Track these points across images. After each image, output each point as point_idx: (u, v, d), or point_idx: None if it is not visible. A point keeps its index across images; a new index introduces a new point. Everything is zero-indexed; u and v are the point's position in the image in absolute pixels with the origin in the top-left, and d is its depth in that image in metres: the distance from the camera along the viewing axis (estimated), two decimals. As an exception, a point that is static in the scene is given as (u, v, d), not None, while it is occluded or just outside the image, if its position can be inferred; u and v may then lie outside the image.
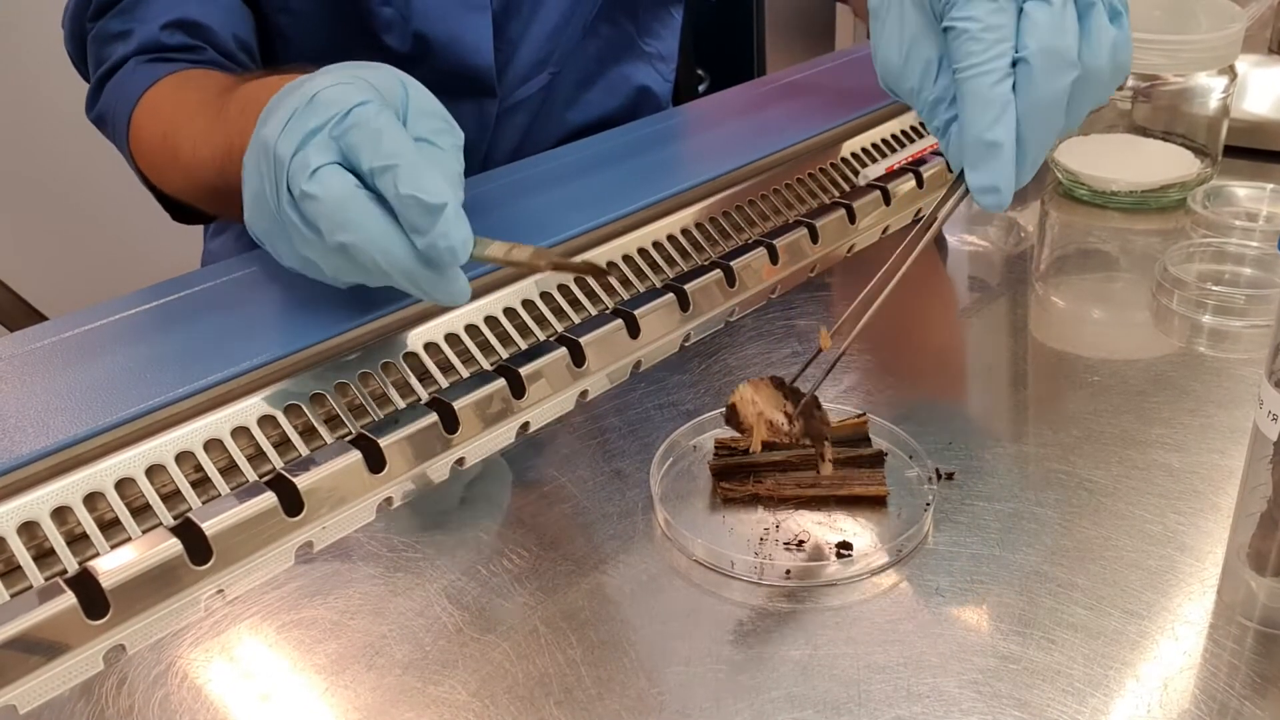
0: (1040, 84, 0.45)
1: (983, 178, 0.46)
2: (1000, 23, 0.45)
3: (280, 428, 0.51)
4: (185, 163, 0.66)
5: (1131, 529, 0.46)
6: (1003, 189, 0.46)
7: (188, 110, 0.67)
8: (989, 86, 0.45)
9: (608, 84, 0.95)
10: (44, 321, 0.58)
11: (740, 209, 0.71)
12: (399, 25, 0.81)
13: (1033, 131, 0.46)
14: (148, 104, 0.71)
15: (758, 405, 0.48)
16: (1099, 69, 0.47)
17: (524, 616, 0.43)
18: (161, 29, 0.72)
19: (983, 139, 0.46)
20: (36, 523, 0.45)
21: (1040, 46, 0.45)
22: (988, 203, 0.47)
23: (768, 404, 0.48)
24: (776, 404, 0.49)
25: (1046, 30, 0.45)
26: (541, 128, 0.92)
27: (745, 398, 0.48)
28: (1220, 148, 0.79)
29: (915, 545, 0.46)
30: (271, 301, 0.57)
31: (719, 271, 0.65)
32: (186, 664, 0.42)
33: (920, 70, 0.49)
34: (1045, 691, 0.39)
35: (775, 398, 0.49)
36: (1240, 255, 0.68)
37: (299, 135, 0.48)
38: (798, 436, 0.48)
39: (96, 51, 0.75)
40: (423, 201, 0.45)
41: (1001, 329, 0.66)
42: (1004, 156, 0.46)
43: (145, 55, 0.73)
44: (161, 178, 0.73)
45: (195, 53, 0.73)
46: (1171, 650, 0.40)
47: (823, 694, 0.39)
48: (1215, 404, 0.55)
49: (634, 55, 0.96)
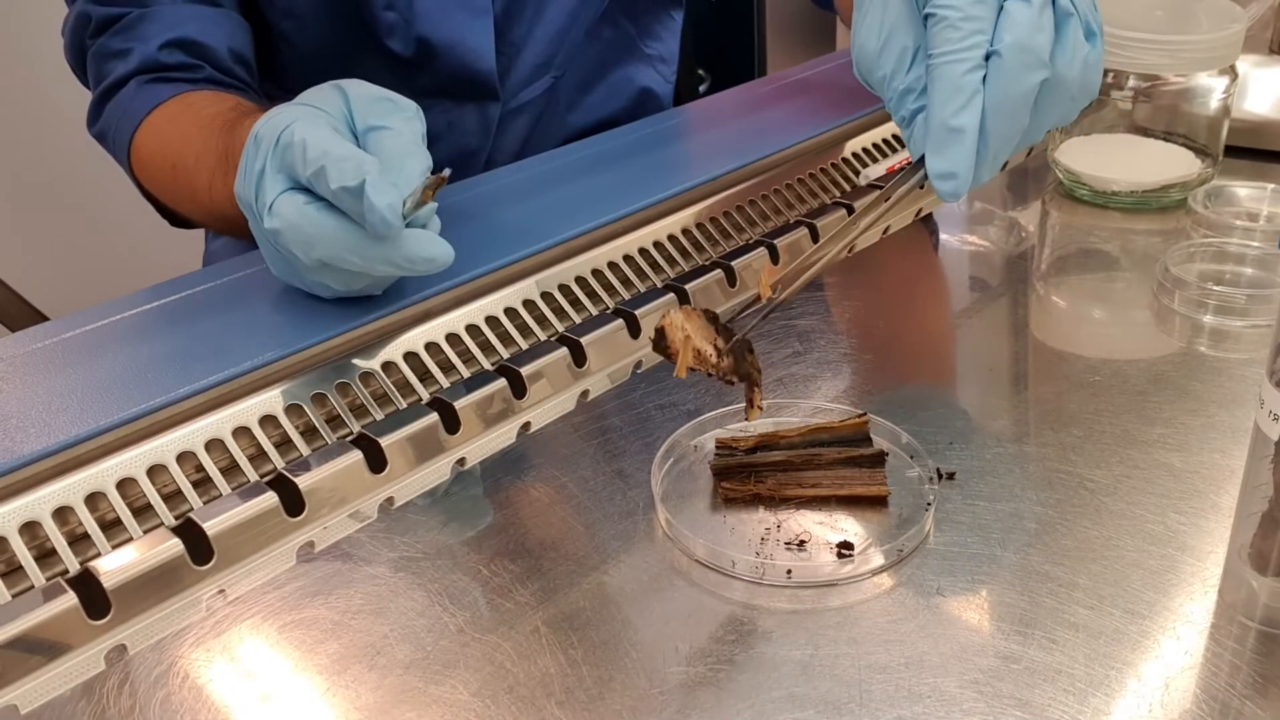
0: (1010, 78, 0.46)
1: (943, 163, 0.47)
2: (979, 14, 0.46)
3: (281, 428, 0.51)
4: (203, 201, 0.69)
5: (1133, 529, 0.46)
6: (960, 175, 0.47)
7: (193, 147, 0.69)
8: (960, 74, 0.46)
9: (609, 86, 0.95)
10: (45, 322, 0.58)
11: (741, 209, 0.71)
12: (401, 29, 0.81)
13: (997, 125, 0.47)
14: (150, 129, 0.72)
15: (686, 332, 0.48)
16: (1069, 79, 0.48)
17: (525, 616, 0.43)
18: (160, 49, 0.73)
19: (948, 124, 0.46)
20: (38, 523, 0.44)
21: (1014, 41, 0.46)
22: (945, 189, 0.47)
23: (698, 334, 0.48)
24: (707, 336, 0.49)
25: (1023, 27, 0.46)
26: (544, 130, 0.92)
27: (675, 324, 0.49)
28: (1221, 148, 0.79)
29: (916, 545, 0.46)
30: (272, 301, 0.57)
31: (719, 271, 0.65)
32: (188, 664, 0.42)
33: (895, 57, 0.49)
34: (1046, 691, 0.39)
35: (706, 330, 0.49)
36: (1241, 255, 0.68)
37: (253, 177, 0.52)
38: (725, 372, 0.48)
39: (97, 67, 0.76)
40: (348, 188, 0.47)
41: (1002, 329, 0.66)
42: (966, 143, 0.46)
43: (145, 75, 0.73)
44: (173, 203, 0.75)
45: (193, 71, 0.74)
46: (1173, 650, 0.40)
47: (824, 694, 0.39)
48: (1216, 404, 0.55)
49: (635, 57, 0.96)
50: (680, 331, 0.48)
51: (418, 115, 0.54)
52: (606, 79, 0.94)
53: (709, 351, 0.48)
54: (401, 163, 0.50)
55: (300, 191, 0.50)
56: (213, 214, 0.70)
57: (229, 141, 0.65)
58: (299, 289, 0.57)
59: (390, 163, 0.50)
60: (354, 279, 0.53)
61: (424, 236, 0.50)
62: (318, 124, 0.51)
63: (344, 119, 0.53)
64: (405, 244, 0.50)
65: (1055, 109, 0.49)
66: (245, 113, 0.67)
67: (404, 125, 0.52)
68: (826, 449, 0.51)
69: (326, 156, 0.48)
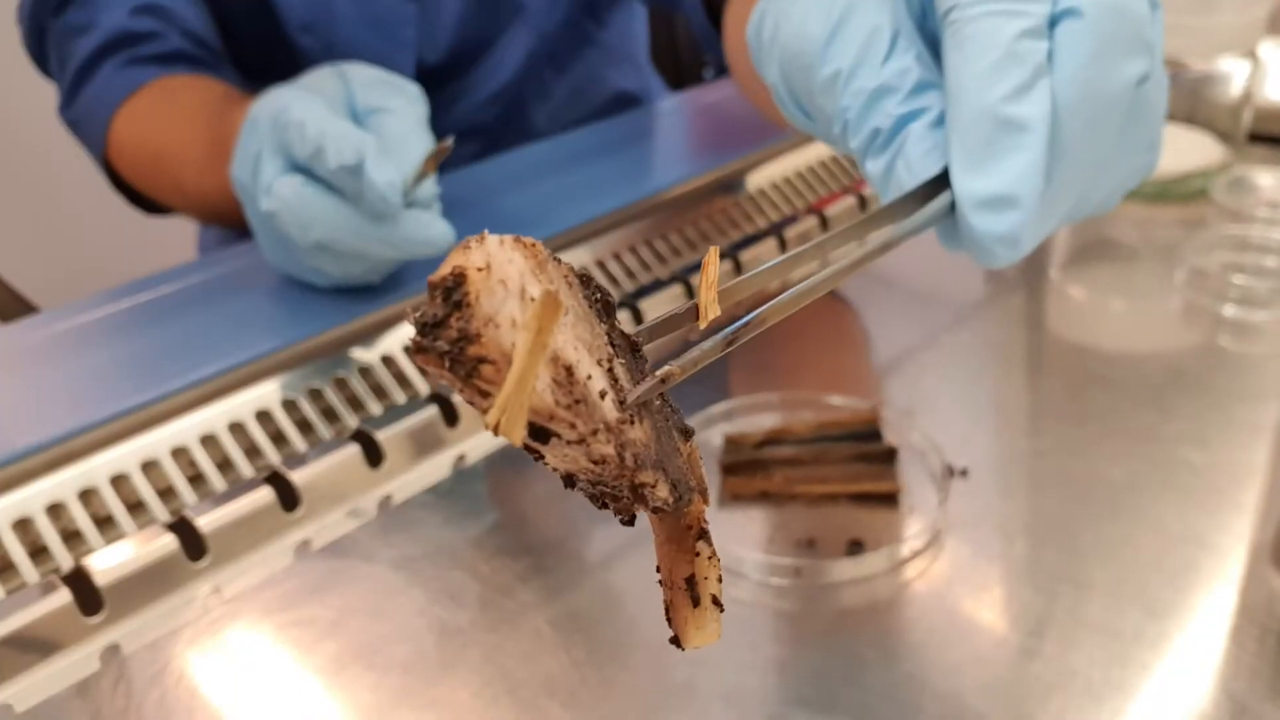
0: (1098, 56, 0.28)
1: (991, 180, 0.28)
2: None
3: (277, 422, 0.50)
4: (190, 191, 0.68)
5: (1151, 527, 0.45)
6: (1024, 201, 0.28)
7: (178, 135, 0.68)
8: (1013, 35, 0.28)
9: (572, 89, 0.91)
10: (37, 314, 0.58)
11: (750, 198, 0.70)
12: (321, 56, 0.78)
13: (1074, 136, 0.28)
14: (129, 116, 0.70)
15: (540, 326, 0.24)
16: (1159, 97, 0.30)
17: (527, 616, 0.43)
18: (128, 15, 0.71)
19: (998, 112, 0.27)
20: (31, 519, 0.44)
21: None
22: (996, 231, 0.28)
23: (570, 332, 0.23)
24: (588, 341, 0.24)
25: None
26: (500, 147, 0.89)
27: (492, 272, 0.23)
28: (1243, 135, 0.78)
29: (928, 543, 0.45)
30: (267, 294, 0.57)
31: (727, 261, 0.65)
32: (183, 663, 0.42)
33: (860, 42, 0.30)
34: (1063, 694, 0.38)
35: (587, 324, 0.25)
36: (1264, 245, 0.67)
37: (250, 159, 0.51)
38: None
39: (61, 48, 0.74)
40: (347, 167, 0.47)
41: (1019, 322, 0.65)
42: (1030, 145, 0.27)
43: (117, 54, 0.71)
44: (155, 193, 0.73)
45: (162, 40, 0.72)
46: (1192, 651, 0.40)
47: (834, 696, 0.38)
48: (1238, 398, 0.54)
49: (595, 51, 0.92)
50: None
51: (420, 97, 0.53)
52: (567, 81, 0.91)
53: (588, 375, 0.23)
54: (403, 143, 0.50)
55: (298, 172, 0.50)
56: (200, 204, 0.69)
57: (219, 130, 0.64)
58: (294, 280, 0.56)
59: (392, 144, 0.49)
60: (351, 264, 0.52)
61: (423, 218, 0.50)
62: (316, 105, 0.50)
63: (344, 102, 0.52)
64: (404, 225, 0.49)
65: (1141, 140, 0.30)
66: (235, 100, 0.66)
67: (406, 107, 0.52)
68: (836, 444, 0.50)
69: (325, 136, 0.47)
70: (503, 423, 0.19)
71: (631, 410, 0.22)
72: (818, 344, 0.61)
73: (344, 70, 0.53)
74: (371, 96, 0.52)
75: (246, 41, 0.80)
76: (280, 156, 0.50)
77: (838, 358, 0.59)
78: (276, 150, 0.50)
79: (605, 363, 0.22)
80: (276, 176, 0.49)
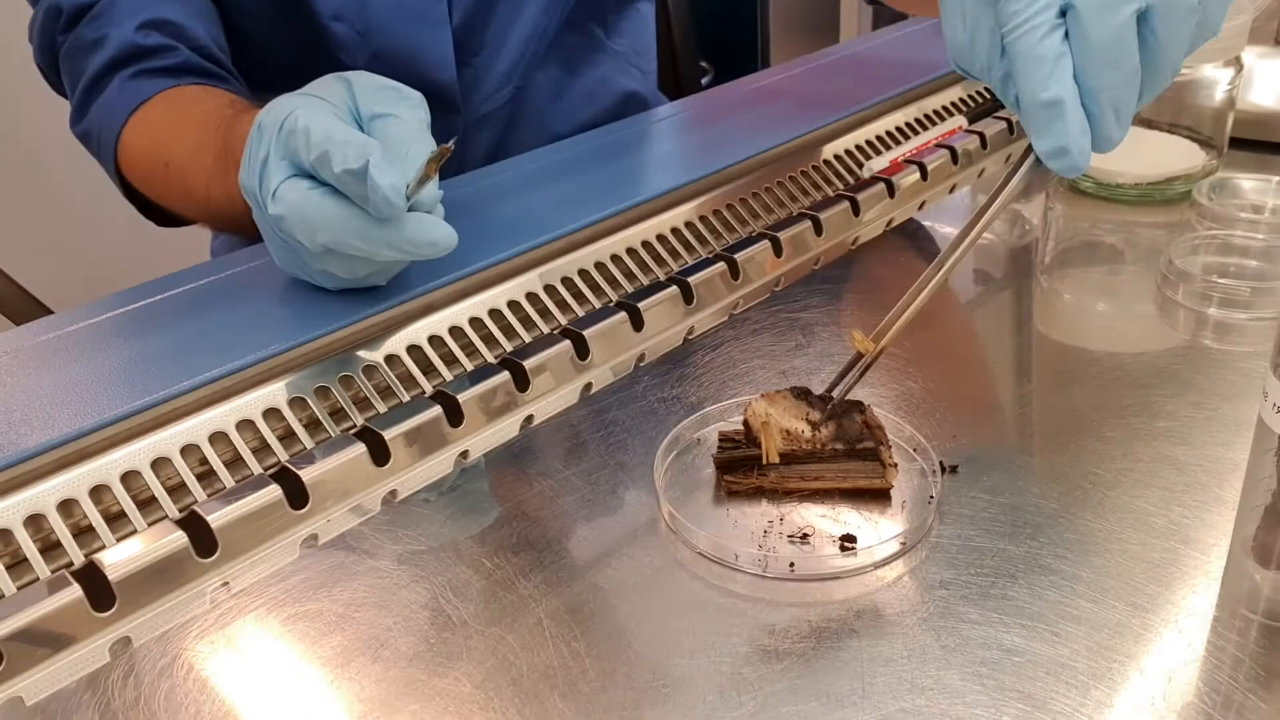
0: (1092, 25, 0.41)
1: (1048, 141, 0.43)
2: None
3: (285, 421, 0.51)
4: (200, 199, 0.68)
5: (1136, 522, 0.46)
6: (1072, 150, 0.43)
7: (188, 144, 0.69)
8: (1037, 42, 0.42)
9: (584, 92, 0.93)
10: (49, 315, 0.58)
11: (744, 201, 0.71)
12: (355, 43, 0.80)
13: (1098, 79, 0.42)
14: (139, 126, 0.71)
15: (766, 417, 0.48)
16: (1169, 25, 0.42)
17: (529, 609, 0.43)
18: (136, 30, 0.72)
19: (1039, 99, 0.42)
20: (43, 515, 0.45)
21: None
22: (1059, 166, 0.43)
23: (783, 414, 0.48)
24: (796, 413, 0.48)
25: None
26: (514, 141, 0.91)
27: (756, 412, 0.49)
28: (1226, 140, 0.79)
29: (919, 538, 0.46)
30: (276, 294, 0.57)
31: (723, 264, 0.65)
32: (192, 656, 0.42)
33: (986, 45, 0.45)
34: (1048, 684, 0.39)
35: (795, 407, 0.49)
36: (1246, 247, 0.68)
37: (256, 165, 0.52)
38: (827, 441, 0.48)
39: (71, 64, 0.75)
40: (351, 171, 0.47)
41: (1006, 322, 0.65)
42: (1067, 114, 0.42)
43: (126, 68, 0.72)
44: (166, 201, 0.74)
45: (172, 54, 0.73)
46: (1175, 643, 0.40)
47: (826, 686, 0.39)
48: (1220, 397, 0.55)
49: (607, 58, 0.94)
50: (760, 418, 0.48)
51: (422, 104, 0.54)
52: (580, 84, 0.93)
53: (799, 428, 0.48)
54: (406, 148, 0.50)
55: (304, 177, 0.50)
56: (210, 212, 0.70)
57: (228, 138, 0.65)
58: (302, 282, 0.57)
59: (395, 148, 0.50)
60: (358, 266, 0.53)
61: (427, 220, 0.50)
62: (321, 111, 0.51)
63: (348, 108, 0.53)
64: (408, 227, 0.50)
65: (1174, 30, 0.42)
66: (242, 109, 0.67)
67: (409, 113, 0.52)
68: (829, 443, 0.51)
69: (330, 141, 0.48)
70: (766, 454, 0.48)
71: (820, 423, 0.49)
72: (815, 342, 0.62)
73: (348, 77, 0.54)
74: (375, 102, 0.53)
75: (279, 38, 0.80)
76: (286, 162, 0.51)
77: (832, 356, 0.60)
78: (283, 156, 0.51)
79: (801, 414, 0.49)
80: (283, 181, 0.50)
